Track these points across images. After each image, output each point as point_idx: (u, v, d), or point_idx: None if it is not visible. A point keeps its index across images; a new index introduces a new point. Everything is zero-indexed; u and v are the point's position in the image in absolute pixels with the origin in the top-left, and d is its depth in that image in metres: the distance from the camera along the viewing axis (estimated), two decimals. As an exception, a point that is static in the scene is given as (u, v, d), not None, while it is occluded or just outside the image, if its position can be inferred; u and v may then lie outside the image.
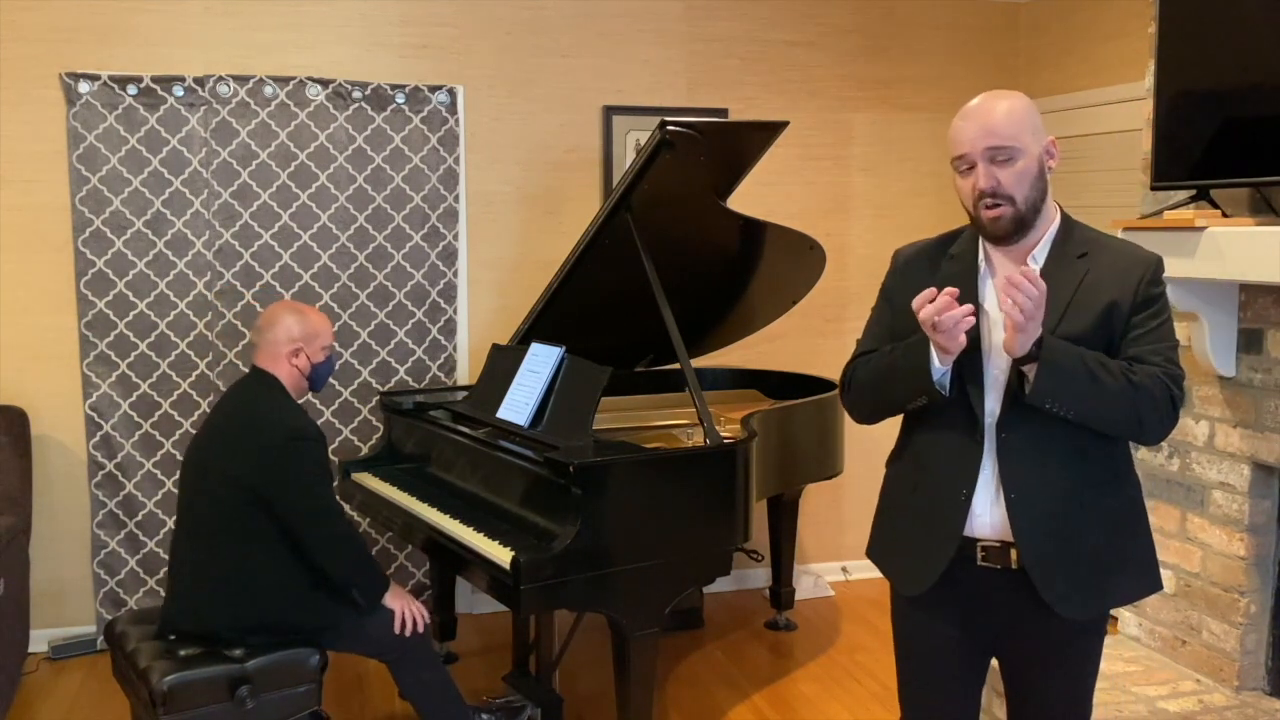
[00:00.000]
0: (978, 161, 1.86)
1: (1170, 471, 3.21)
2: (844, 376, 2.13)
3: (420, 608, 2.90)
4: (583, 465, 2.72)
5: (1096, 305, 1.86)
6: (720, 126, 3.57)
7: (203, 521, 2.76)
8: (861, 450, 4.44)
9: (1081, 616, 1.91)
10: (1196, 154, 2.93)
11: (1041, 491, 1.87)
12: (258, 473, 2.68)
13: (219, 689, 2.63)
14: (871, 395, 2.05)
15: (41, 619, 3.95)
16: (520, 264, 4.36)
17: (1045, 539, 1.87)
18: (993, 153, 1.84)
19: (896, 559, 2.07)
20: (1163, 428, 1.86)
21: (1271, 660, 3.02)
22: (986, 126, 1.85)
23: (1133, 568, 1.96)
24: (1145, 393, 1.81)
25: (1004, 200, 1.85)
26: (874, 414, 2.08)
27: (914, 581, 2.01)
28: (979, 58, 4.80)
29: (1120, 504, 1.94)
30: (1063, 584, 1.88)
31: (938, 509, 1.95)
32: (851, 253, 4.74)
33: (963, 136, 1.88)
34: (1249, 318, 2.96)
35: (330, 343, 2.95)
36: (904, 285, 2.02)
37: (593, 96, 4.38)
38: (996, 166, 1.84)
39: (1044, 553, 1.87)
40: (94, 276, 3.91)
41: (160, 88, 3.91)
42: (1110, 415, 1.83)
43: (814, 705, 3.61)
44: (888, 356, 2.00)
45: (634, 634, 2.83)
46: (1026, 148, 1.85)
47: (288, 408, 2.80)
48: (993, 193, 1.85)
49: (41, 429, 3.92)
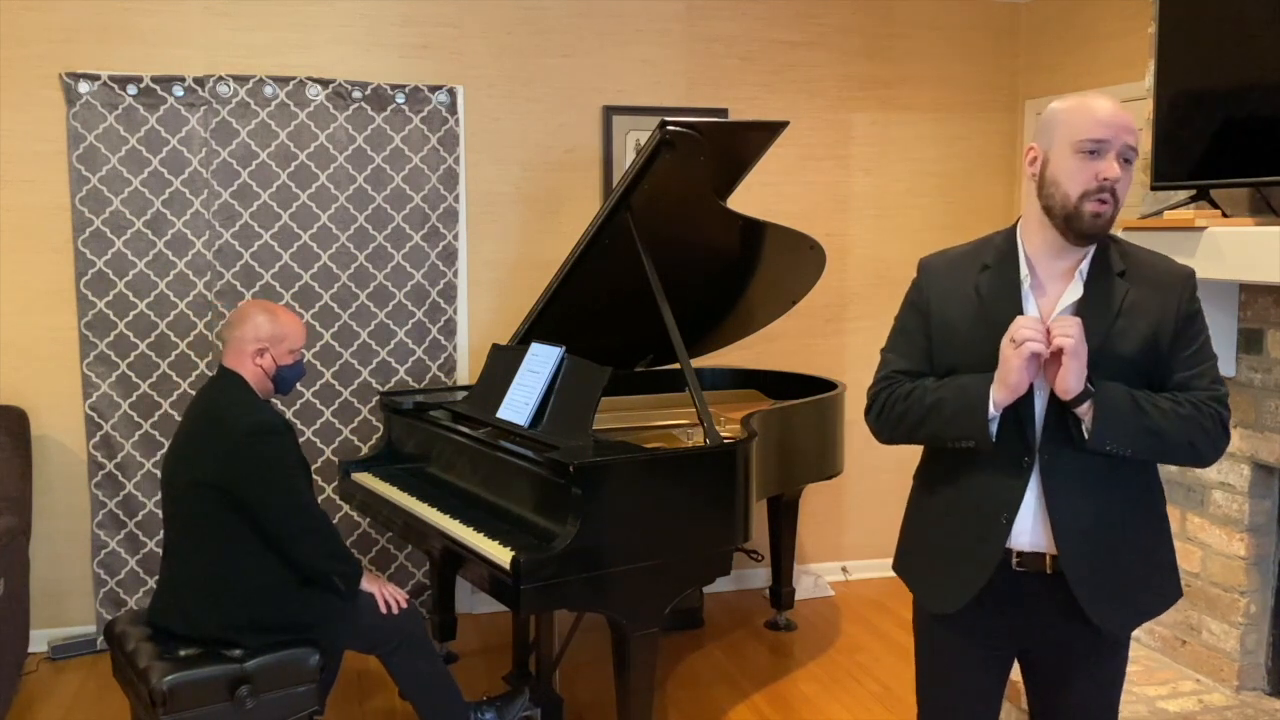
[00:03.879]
0: (1112, 151, 1.78)
1: (1170, 471, 3.21)
2: (873, 398, 2.01)
3: (394, 589, 2.93)
4: (582, 465, 2.72)
5: (1142, 327, 1.84)
6: (720, 126, 3.57)
7: (183, 525, 2.76)
8: (861, 450, 4.45)
9: (1118, 631, 1.91)
10: (1196, 154, 2.93)
11: (1084, 512, 1.85)
12: (225, 472, 2.66)
13: (219, 689, 2.63)
14: (909, 430, 1.95)
15: (41, 619, 3.95)
16: (520, 264, 4.36)
17: (1088, 557, 1.85)
18: (1128, 151, 1.80)
19: (928, 577, 2.01)
20: (1216, 450, 1.85)
21: (1271, 660, 3.02)
22: (1129, 125, 1.79)
23: (1158, 579, 1.95)
24: (1195, 422, 1.80)
25: (1114, 200, 1.80)
26: (908, 441, 1.98)
27: (946, 601, 1.96)
28: (979, 58, 4.81)
29: (1152, 518, 1.94)
30: (1105, 600, 1.87)
31: (976, 531, 1.90)
32: (851, 253, 4.74)
33: (1105, 119, 1.77)
34: (1249, 318, 2.96)
35: (299, 346, 2.89)
36: (941, 297, 1.95)
37: (593, 96, 4.38)
38: (1121, 165, 1.80)
39: (1087, 570, 1.85)
40: (94, 276, 3.91)
41: (160, 88, 3.91)
42: (1166, 448, 1.82)
43: (814, 705, 3.61)
44: (934, 393, 1.90)
45: (634, 634, 2.83)
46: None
47: (249, 404, 2.76)
48: (1113, 186, 1.79)
49: (41, 429, 3.92)
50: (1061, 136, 1.81)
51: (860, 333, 4.71)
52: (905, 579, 2.07)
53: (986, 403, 1.81)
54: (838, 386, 3.93)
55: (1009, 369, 1.78)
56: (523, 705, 3.28)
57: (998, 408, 1.82)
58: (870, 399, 2.02)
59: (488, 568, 2.78)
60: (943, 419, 1.87)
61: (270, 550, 2.72)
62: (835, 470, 3.93)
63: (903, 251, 4.76)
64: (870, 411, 2.02)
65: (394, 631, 2.87)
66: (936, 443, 1.94)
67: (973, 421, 1.83)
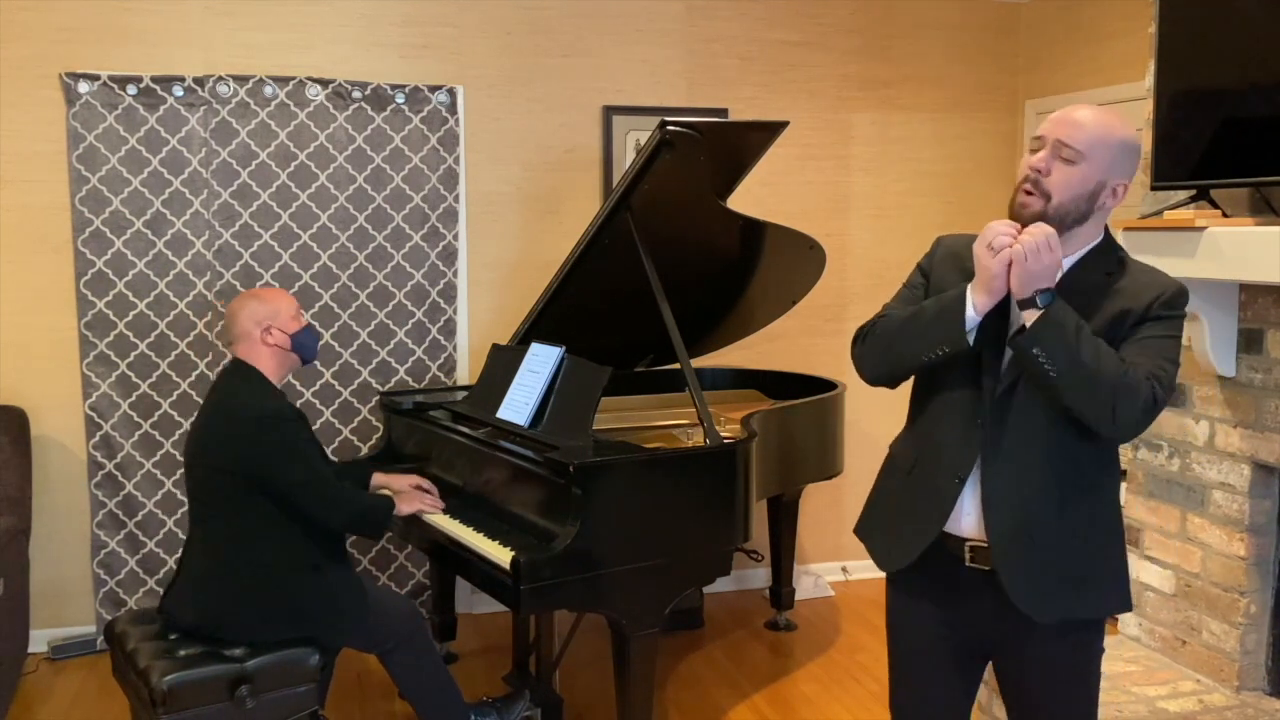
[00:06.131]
0: (1045, 146, 1.87)
1: (1170, 471, 3.21)
2: (860, 330, 2.06)
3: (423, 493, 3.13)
4: (582, 465, 2.72)
5: (1108, 311, 1.86)
6: (720, 126, 3.57)
7: (202, 510, 2.81)
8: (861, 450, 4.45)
9: (1049, 621, 1.89)
10: (1196, 154, 2.93)
11: (1018, 489, 1.88)
12: (241, 460, 2.71)
13: (219, 689, 2.63)
14: (887, 343, 1.99)
15: (41, 619, 3.95)
16: (520, 264, 4.36)
17: (1014, 537, 1.88)
18: (1061, 148, 1.85)
19: (879, 535, 2.10)
20: (1134, 424, 1.82)
21: (1271, 660, 3.02)
22: (1070, 120, 1.86)
23: (1104, 583, 1.94)
24: (1128, 387, 1.78)
25: (1040, 193, 1.86)
26: (885, 363, 2.01)
27: (892, 558, 2.04)
28: (979, 58, 4.81)
29: (1096, 515, 1.93)
30: (1029, 585, 1.88)
31: (930, 489, 1.97)
32: (851, 253, 4.74)
33: (1053, 118, 1.89)
34: (1249, 318, 2.96)
35: (296, 312, 2.93)
36: (942, 266, 2.04)
37: (593, 96, 4.38)
38: (1057, 160, 1.85)
39: (1012, 551, 1.88)
40: (94, 276, 3.91)
41: (160, 88, 3.91)
42: (1090, 389, 1.78)
43: (814, 705, 3.61)
44: (916, 307, 1.98)
45: (634, 634, 2.83)
46: (1092, 164, 1.84)
47: (260, 393, 2.80)
48: (1036, 179, 1.86)
49: (41, 429, 3.92)
50: None
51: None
52: (862, 539, 2.16)
53: (964, 304, 1.86)
54: (838, 386, 3.93)
55: (988, 274, 1.83)
56: (523, 707, 3.28)
57: (979, 311, 1.86)
58: (859, 333, 2.06)
59: (488, 568, 2.78)
60: (921, 325, 1.93)
61: (287, 540, 2.76)
62: (835, 470, 3.93)
63: (902, 251, 4.76)
64: (856, 342, 2.06)
65: (394, 631, 2.87)
66: (913, 359, 1.95)
67: (951, 323, 1.87)
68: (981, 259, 1.84)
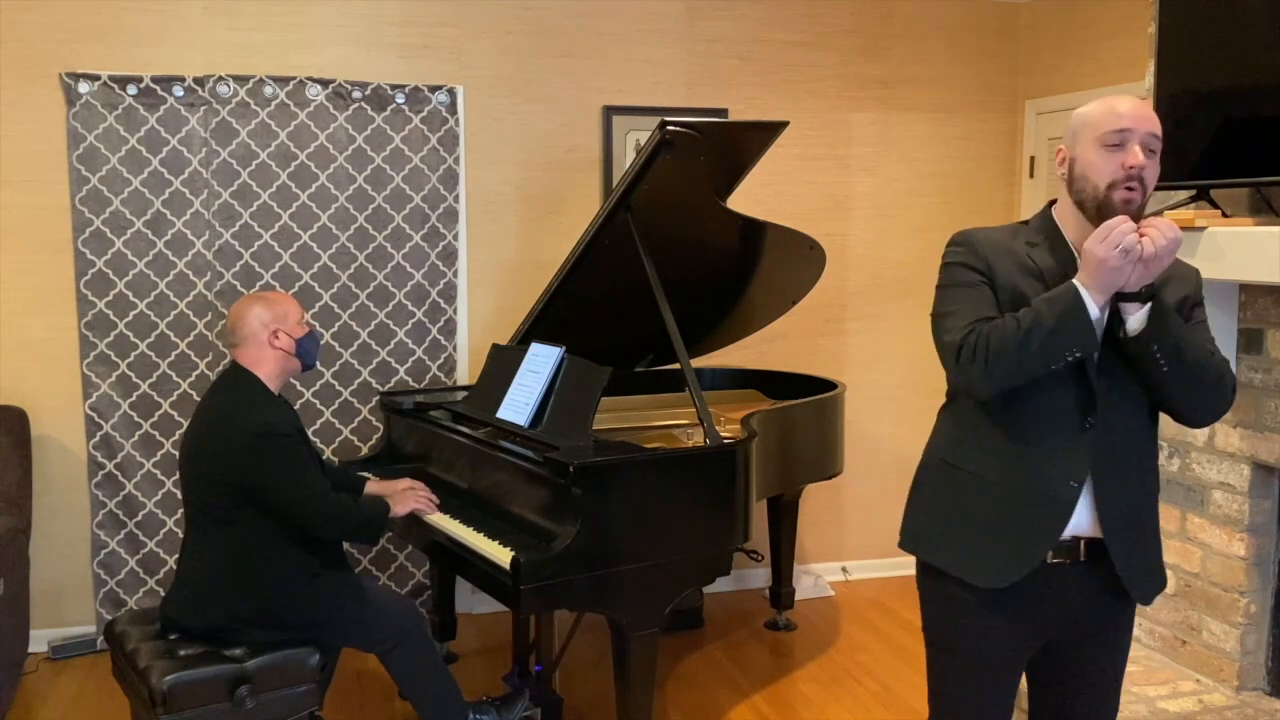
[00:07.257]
0: (1134, 141, 1.84)
1: (1170, 471, 3.21)
2: (959, 344, 1.91)
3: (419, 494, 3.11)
4: (582, 465, 2.72)
5: (1174, 297, 1.94)
6: (720, 126, 3.57)
7: (194, 514, 2.80)
8: (861, 450, 4.46)
9: (1147, 601, 2.01)
10: (1196, 154, 2.93)
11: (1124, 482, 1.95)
12: (235, 471, 2.70)
13: (219, 689, 2.63)
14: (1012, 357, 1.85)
15: (41, 619, 3.95)
16: (520, 264, 4.36)
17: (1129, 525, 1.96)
18: (1150, 140, 1.86)
19: (959, 549, 2.00)
20: (1228, 406, 1.95)
21: (1271, 660, 3.02)
22: (1149, 116, 1.87)
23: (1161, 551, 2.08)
24: (1221, 366, 1.91)
25: (1142, 187, 1.86)
26: (1015, 377, 1.88)
27: (999, 574, 1.94)
28: (979, 58, 4.81)
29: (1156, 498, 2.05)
30: (1140, 571, 1.98)
31: (1039, 498, 1.92)
32: (851, 253, 4.74)
33: (1126, 112, 1.85)
34: (1249, 318, 2.97)
35: (302, 316, 2.94)
36: (1002, 266, 1.95)
37: (593, 96, 4.38)
38: (1146, 155, 1.86)
39: (1126, 539, 1.95)
40: (94, 276, 3.91)
41: (160, 88, 3.91)
42: (1198, 378, 1.88)
43: (814, 705, 3.61)
44: (1021, 318, 1.85)
45: (634, 634, 2.83)
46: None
47: (259, 404, 2.78)
48: (1139, 174, 1.85)
49: (41, 429, 3.92)
50: (1086, 134, 1.89)
51: (860, 333, 4.70)
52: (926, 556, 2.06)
53: (1084, 304, 1.82)
54: (838, 386, 3.93)
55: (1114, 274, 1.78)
56: (523, 707, 3.28)
57: (1100, 309, 1.84)
58: (955, 348, 1.92)
59: (488, 568, 2.78)
60: (1045, 331, 1.83)
61: (284, 545, 2.75)
62: (835, 470, 3.93)
63: (902, 252, 4.77)
64: (959, 358, 1.91)
65: (394, 630, 2.87)
66: (1041, 369, 1.87)
67: (1081, 326, 1.82)
68: (1108, 260, 1.77)
